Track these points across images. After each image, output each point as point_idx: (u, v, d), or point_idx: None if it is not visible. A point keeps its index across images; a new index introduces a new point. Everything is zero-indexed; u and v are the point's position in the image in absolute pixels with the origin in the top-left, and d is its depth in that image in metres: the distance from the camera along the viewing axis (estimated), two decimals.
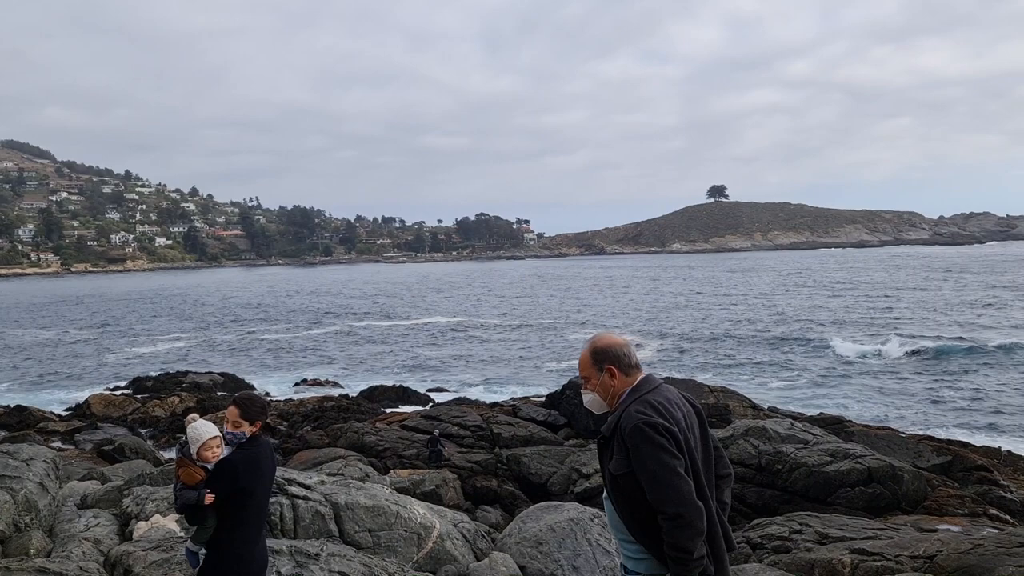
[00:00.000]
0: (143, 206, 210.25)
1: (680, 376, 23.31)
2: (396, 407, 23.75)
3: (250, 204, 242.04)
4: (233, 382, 29.16)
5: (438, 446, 15.61)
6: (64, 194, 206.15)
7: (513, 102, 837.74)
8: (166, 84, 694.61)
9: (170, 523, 7.30)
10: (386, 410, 22.98)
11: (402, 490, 10.36)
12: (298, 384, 30.07)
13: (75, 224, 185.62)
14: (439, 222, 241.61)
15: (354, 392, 26.77)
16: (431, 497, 11.31)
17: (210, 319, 59.53)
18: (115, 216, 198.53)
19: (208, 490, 3.81)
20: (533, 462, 14.62)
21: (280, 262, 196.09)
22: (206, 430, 3.94)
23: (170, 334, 49.78)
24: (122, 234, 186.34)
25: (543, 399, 21.15)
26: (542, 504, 9.26)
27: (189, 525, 4.08)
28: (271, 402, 24.82)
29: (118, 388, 28.91)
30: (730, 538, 3.33)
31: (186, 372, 30.89)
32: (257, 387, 29.32)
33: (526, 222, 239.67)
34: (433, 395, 26.40)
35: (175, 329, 53.04)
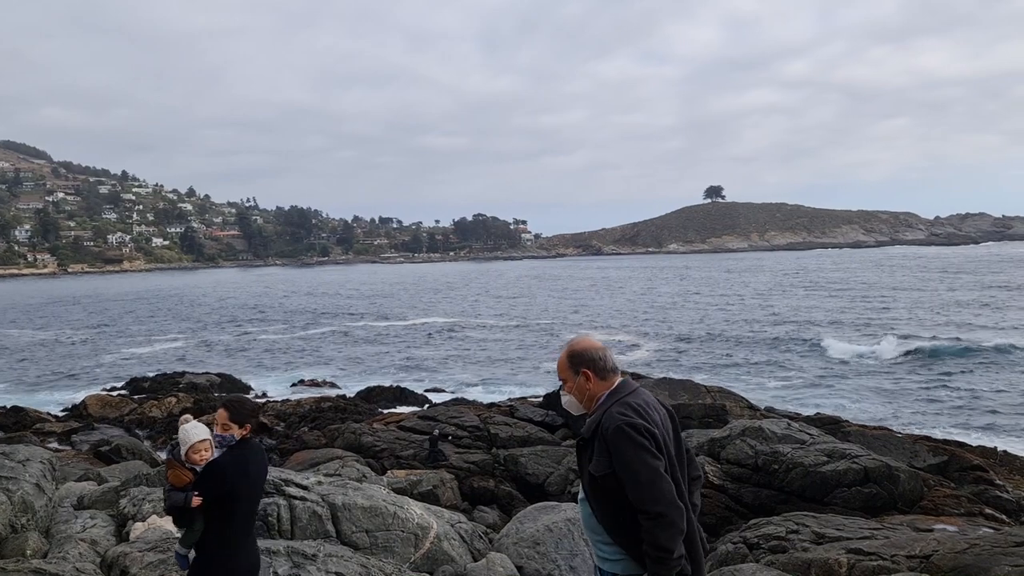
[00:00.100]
0: (140, 206, 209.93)
1: (677, 376, 23.31)
2: (393, 408, 23.72)
3: (247, 204, 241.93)
4: (230, 383, 29.11)
5: (439, 446, 15.59)
6: (60, 194, 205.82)
7: (512, 102, 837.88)
8: (165, 84, 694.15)
9: (167, 524, 7.29)
10: (383, 411, 22.95)
11: (399, 490, 10.36)
12: (295, 384, 30.04)
13: (72, 224, 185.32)
14: (436, 222, 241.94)
15: (351, 393, 26.73)
16: (428, 497, 11.30)
17: (207, 319, 59.46)
18: (112, 216, 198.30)
19: (196, 493, 3.80)
20: (530, 462, 14.62)
21: (277, 262, 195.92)
22: (195, 432, 3.92)
23: (167, 335, 49.72)
24: (119, 234, 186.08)
25: (540, 399, 21.13)
26: (539, 504, 9.27)
27: (177, 527, 4.07)
28: (268, 402, 24.78)
29: (115, 389, 28.85)
30: (704, 540, 3.41)
31: (183, 372, 30.84)
32: (254, 387, 29.32)
33: (523, 223, 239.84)
34: (430, 395, 26.39)
35: (172, 330, 52.97)
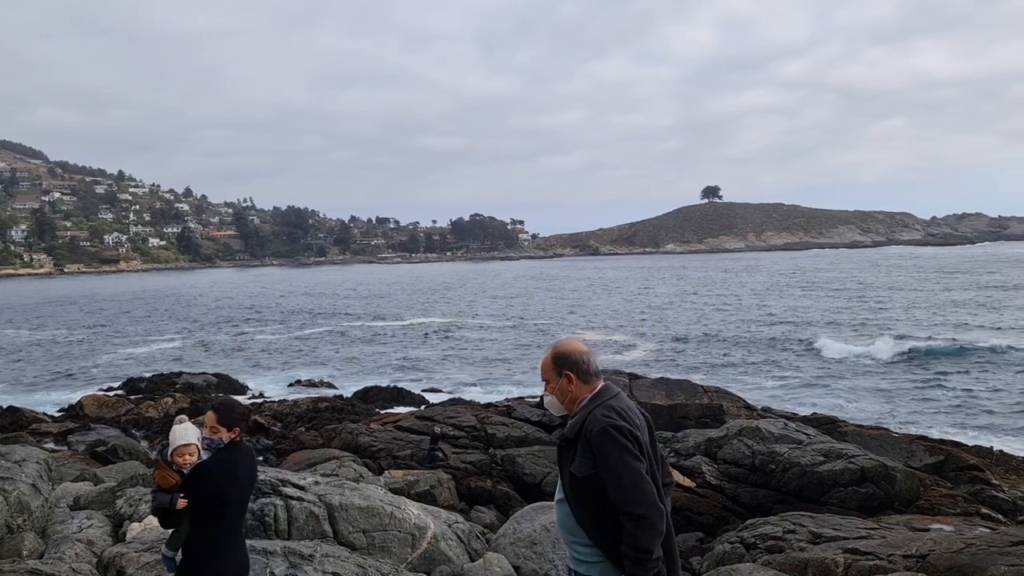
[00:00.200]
0: (136, 207, 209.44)
1: (674, 376, 23.31)
2: (390, 408, 23.69)
3: (244, 204, 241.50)
4: (227, 383, 29.06)
5: (439, 444, 15.58)
6: (57, 194, 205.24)
7: (509, 103, 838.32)
8: (163, 84, 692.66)
9: None
10: (380, 411, 22.93)
11: (396, 491, 10.35)
12: (292, 385, 30.00)
13: (68, 224, 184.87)
14: (434, 223, 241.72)
15: (348, 393, 26.70)
16: (425, 498, 11.29)
17: (204, 320, 59.37)
18: (108, 216, 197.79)
19: (181, 495, 3.80)
20: (527, 462, 14.61)
21: (274, 263, 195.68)
22: (183, 436, 3.90)
23: (163, 335, 49.64)
24: (115, 235, 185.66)
25: (537, 399, 21.14)
26: (536, 504, 9.28)
27: (163, 528, 4.06)
28: (265, 403, 24.76)
29: (111, 389, 28.77)
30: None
31: (180, 373, 30.77)
32: (251, 388, 29.29)
33: (520, 223, 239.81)
34: (427, 396, 26.34)
35: (168, 330, 52.88)
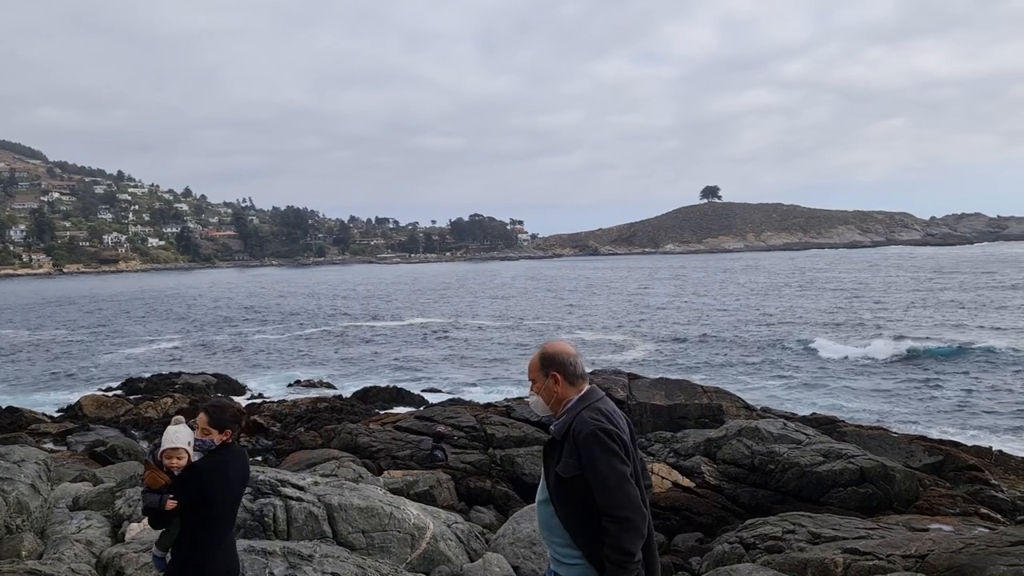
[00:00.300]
0: (136, 207, 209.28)
1: (673, 376, 23.29)
2: (390, 408, 23.69)
3: (243, 205, 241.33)
4: (226, 383, 29.06)
5: (441, 444, 15.62)
6: (56, 194, 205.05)
7: (509, 103, 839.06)
8: (163, 84, 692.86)
9: None
10: (380, 411, 22.93)
11: (396, 491, 10.35)
12: (291, 385, 30.00)
13: (67, 225, 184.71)
14: (433, 223, 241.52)
15: (348, 393, 26.70)
16: (425, 498, 11.30)
17: (203, 320, 59.35)
18: (107, 217, 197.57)
19: (171, 496, 3.79)
20: (527, 463, 14.61)
21: (273, 263, 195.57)
22: (174, 439, 3.89)
23: (163, 335, 49.62)
24: (114, 235, 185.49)
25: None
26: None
27: (153, 529, 4.05)
28: (264, 403, 24.76)
29: (110, 389, 28.75)
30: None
31: (179, 373, 30.75)
32: (250, 388, 29.29)
33: (520, 223, 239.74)
34: (427, 396, 26.32)
35: (168, 330, 52.86)
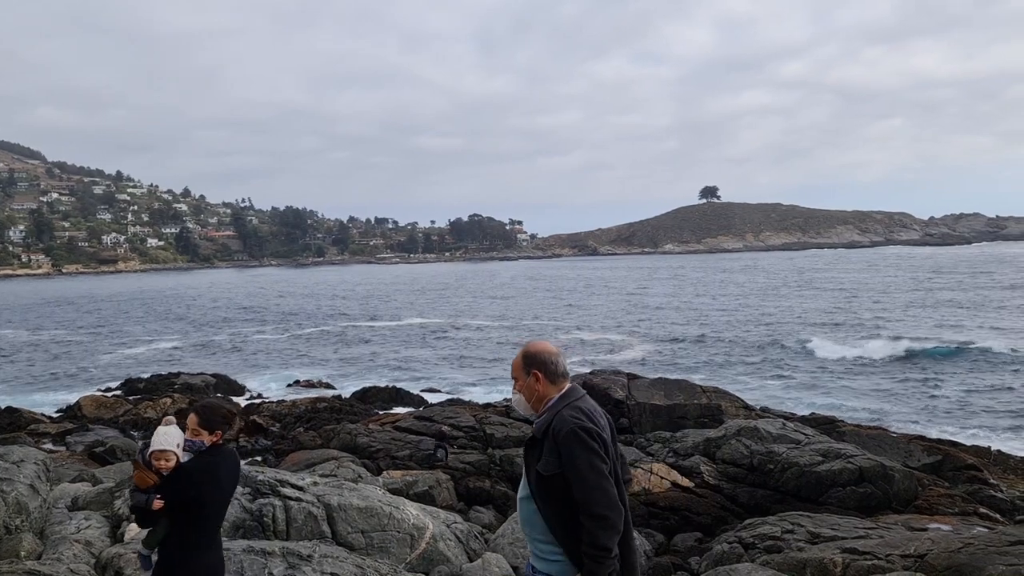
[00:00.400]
0: (135, 207, 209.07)
1: (673, 376, 23.31)
2: (389, 408, 23.70)
3: (242, 205, 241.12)
4: (226, 383, 29.06)
5: (443, 443, 15.64)
6: (55, 195, 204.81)
7: (507, 103, 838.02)
8: (163, 84, 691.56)
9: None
10: (379, 411, 22.93)
11: (395, 491, 10.35)
12: (291, 385, 30.00)
13: (66, 225, 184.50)
14: (432, 223, 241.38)
15: (347, 393, 26.71)
16: (424, 498, 11.30)
17: (202, 320, 59.33)
18: (106, 217, 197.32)
19: (158, 496, 3.78)
20: None
21: (273, 263, 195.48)
22: (163, 441, 3.87)
23: (162, 335, 49.60)
24: (113, 235, 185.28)
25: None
26: None
27: (140, 527, 4.04)
28: (263, 403, 24.76)
29: (109, 389, 28.76)
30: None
31: (178, 373, 30.74)
32: (249, 388, 29.30)
33: (519, 223, 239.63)
34: (426, 396, 26.34)
35: (167, 330, 52.84)
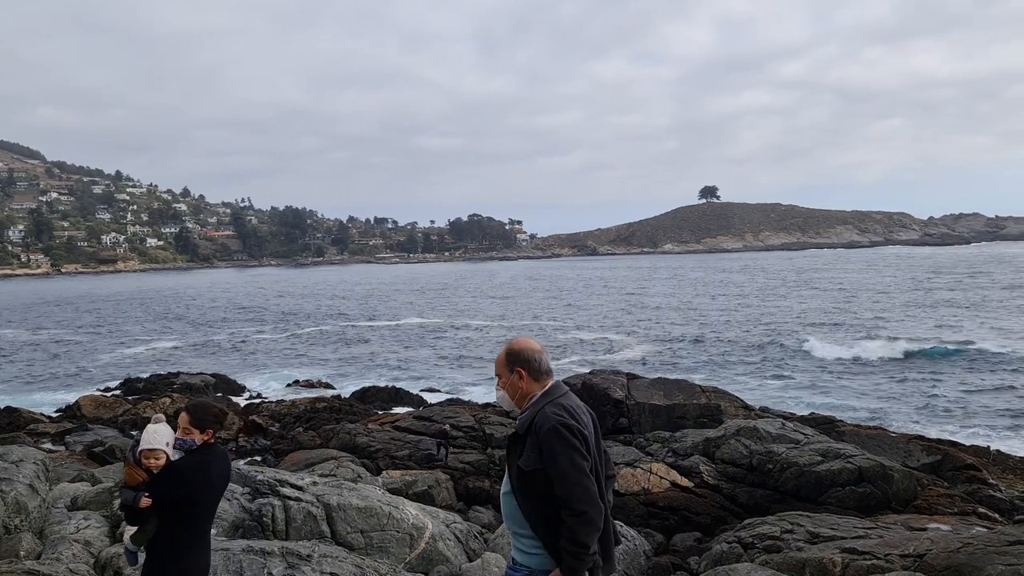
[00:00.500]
0: (134, 207, 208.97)
1: (672, 376, 23.31)
2: (388, 408, 23.69)
3: (242, 205, 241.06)
4: (225, 383, 29.05)
5: (441, 442, 15.69)
6: (54, 194, 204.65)
7: (507, 103, 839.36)
8: (163, 84, 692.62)
9: None
10: (378, 411, 22.93)
11: (394, 491, 10.35)
12: (290, 385, 30.00)
13: (65, 225, 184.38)
14: (432, 223, 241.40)
15: (346, 393, 26.70)
16: (423, 498, 11.30)
17: (201, 320, 59.31)
18: (106, 217, 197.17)
19: (146, 494, 3.77)
20: None
21: (272, 263, 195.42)
22: (152, 439, 3.87)
23: (161, 335, 49.58)
24: (113, 235, 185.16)
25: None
26: None
27: (129, 525, 4.03)
28: (263, 403, 24.76)
29: (109, 389, 28.76)
30: (616, 534, 3.64)
31: (177, 373, 30.72)
32: (249, 388, 29.29)
33: (519, 223, 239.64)
34: (426, 396, 26.34)
35: (166, 330, 52.83)
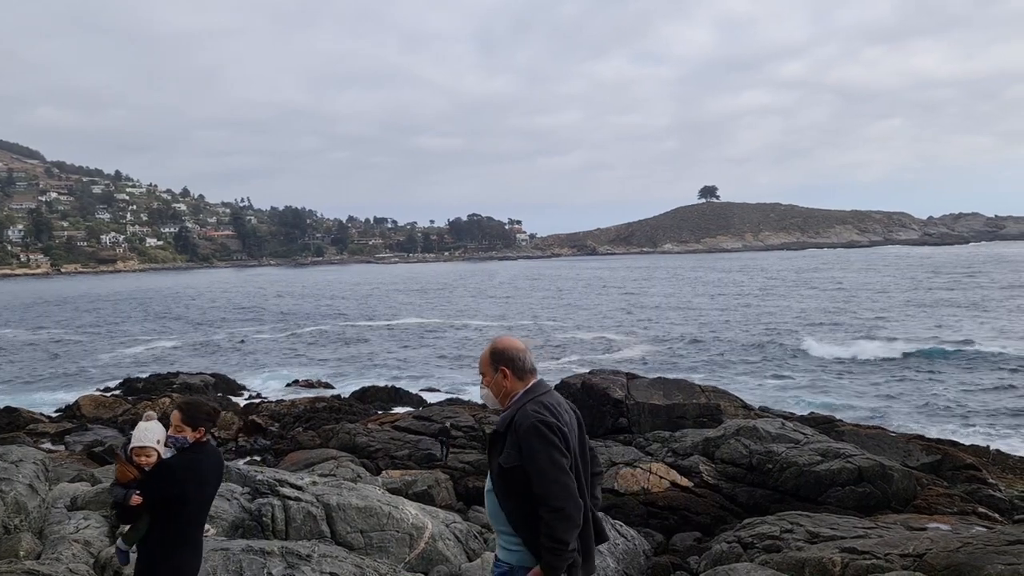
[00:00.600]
0: (134, 207, 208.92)
1: (672, 376, 23.31)
2: (388, 408, 23.70)
3: (241, 205, 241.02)
4: (224, 383, 29.06)
5: (442, 439, 15.75)
6: (54, 194, 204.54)
7: (507, 103, 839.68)
8: (163, 84, 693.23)
9: None
10: (378, 411, 22.93)
11: (394, 491, 10.36)
12: (290, 385, 30.01)
13: (65, 225, 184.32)
14: (431, 223, 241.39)
15: (346, 393, 26.70)
16: (423, 498, 11.31)
17: (201, 320, 59.30)
18: (105, 216, 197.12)
19: (136, 492, 3.76)
20: None
21: (271, 263, 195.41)
22: (143, 437, 3.87)
23: (161, 335, 49.57)
24: (112, 235, 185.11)
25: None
26: None
27: (119, 523, 4.00)
28: (263, 403, 24.75)
29: (108, 389, 28.76)
30: (602, 530, 3.63)
31: (177, 373, 30.72)
32: (248, 388, 29.30)
33: (518, 223, 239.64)
34: (425, 395, 26.35)
35: (166, 330, 52.82)
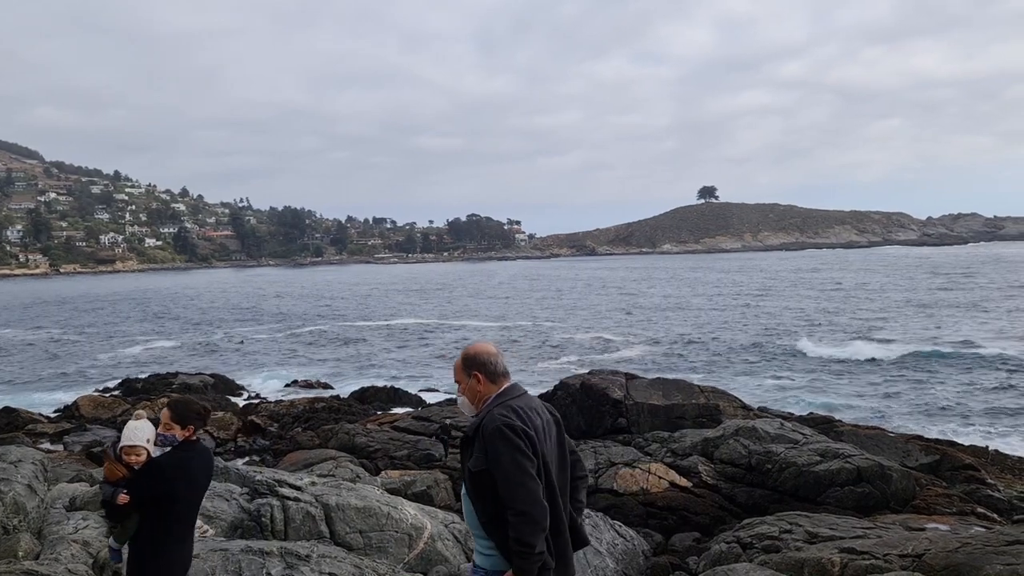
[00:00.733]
0: (132, 207, 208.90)
1: (671, 376, 23.31)
2: (387, 408, 23.67)
3: (241, 205, 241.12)
4: (223, 383, 29.03)
5: (442, 438, 15.80)
6: (52, 194, 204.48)
7: (507, 103, 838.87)
8: (162, 84, 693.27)
9: None
10: (377, 411, 22.91)
11: (393, 491, 10.35)
12: (289, 385, 29.99)
13: (64, 225, 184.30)
14: (431, 223, 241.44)
15: (345, 393, 26.67)
16: (422, 498, 11.30)
17: (200, 320, 59.29)
18: (104, 217, 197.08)
19: (124, 490, 3.76)
20: None
21: (271, 263, 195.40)
22: (133, 436, 3.87)
23: (160, 335, 49.55)
24: (111, 235, 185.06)
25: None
26: None
27: (108, 521, 4.00)
28: (261, 403, 24.74)
29: (107, 389, 28.74)
30: (581, 535, 3.66)
31: (176, 373, 30.68)
32: (247, 388, 29.28)
33: (517, 223, 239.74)
34: (424, 396, 26.32)
35: (165, 330, 52.80)
